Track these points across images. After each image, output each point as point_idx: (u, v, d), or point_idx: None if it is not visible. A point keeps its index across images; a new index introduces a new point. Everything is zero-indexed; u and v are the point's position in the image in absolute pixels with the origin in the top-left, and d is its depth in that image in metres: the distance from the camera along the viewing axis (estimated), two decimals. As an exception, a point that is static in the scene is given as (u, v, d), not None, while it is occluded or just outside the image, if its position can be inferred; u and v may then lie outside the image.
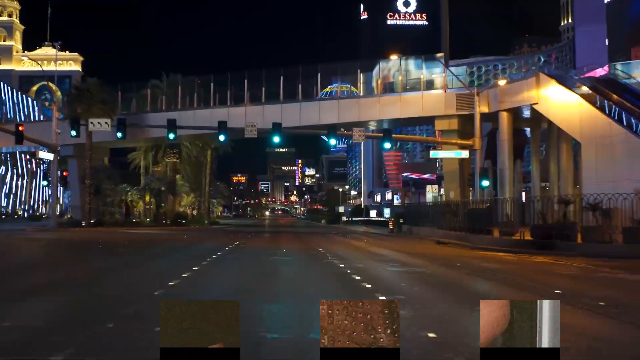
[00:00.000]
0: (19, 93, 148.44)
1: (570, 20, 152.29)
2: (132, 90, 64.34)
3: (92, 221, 56.83)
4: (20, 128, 45.68)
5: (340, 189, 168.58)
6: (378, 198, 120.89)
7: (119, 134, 44.82)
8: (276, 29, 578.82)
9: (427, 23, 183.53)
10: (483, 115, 45.94)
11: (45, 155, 52.47)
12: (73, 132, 44.42)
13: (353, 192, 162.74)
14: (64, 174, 52.07)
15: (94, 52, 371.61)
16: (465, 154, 46.65)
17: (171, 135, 45.02)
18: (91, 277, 16.15)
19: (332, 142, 48.10)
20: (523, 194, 58.70)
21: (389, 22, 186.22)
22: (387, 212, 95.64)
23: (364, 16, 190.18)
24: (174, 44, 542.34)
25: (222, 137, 45.47)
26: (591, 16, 55.70)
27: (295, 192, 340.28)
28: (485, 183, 44.09)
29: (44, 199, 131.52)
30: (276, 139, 44.62)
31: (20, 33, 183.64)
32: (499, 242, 31.36)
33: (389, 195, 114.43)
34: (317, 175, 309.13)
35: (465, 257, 25.40)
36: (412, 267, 20.01)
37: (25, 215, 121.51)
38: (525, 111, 47.36)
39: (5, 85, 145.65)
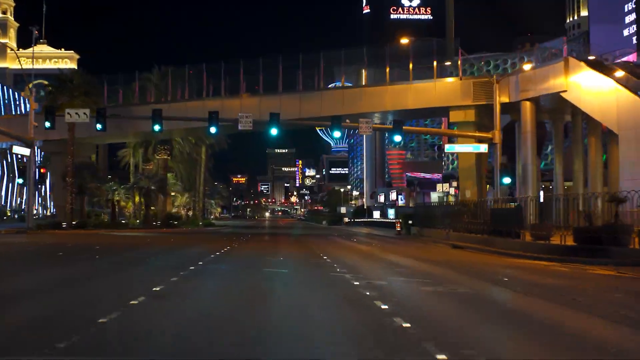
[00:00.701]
0: (11, 90, 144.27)
1: (576, 17, 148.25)
2: (120, 82, 59.69)
3: (74, 222, 52.40)
4: (-11, 119, 41.14)
5: (342, 190, 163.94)
6: (381, 198, 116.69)
7: (99, 126, 40.23)
8: (275, 28, 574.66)
9: (431, 17, 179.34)
10: (502, 107, 41.62)
11: (21, 150, 47.95)
12: (47, 124, 39.89)
13: (355, 193, 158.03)
14: (42, 170, 47.35)
15: (92, 51, 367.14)
16: (484, 147, 42.17)
17: (156, 127, 40.47)
18: (6, 300, 11.41)
19: (337, 134, 43.59)
20: (541, 192, 54.32)
21: (392, 16, 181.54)
22: (391, 212, 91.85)
23: (366, 10, 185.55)
24: (174, 45, 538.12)
25: (213, 129, 40.88)
26: (606, 16, 51.70)
27: (295, 193, 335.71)
28: (507, 180, 40.24)
29: (37, 199, 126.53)
30: (274, 131, 39.93)
31: (15, 30, 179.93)
32: (531, 248, 26.72)
33: (393, 195, 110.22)
34: (318, 176, 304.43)
35: (502, 266, 21.01)
36: (447, 285, 15.07)
37: (16, 216, 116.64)
38: (551, 100, 42.63)
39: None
